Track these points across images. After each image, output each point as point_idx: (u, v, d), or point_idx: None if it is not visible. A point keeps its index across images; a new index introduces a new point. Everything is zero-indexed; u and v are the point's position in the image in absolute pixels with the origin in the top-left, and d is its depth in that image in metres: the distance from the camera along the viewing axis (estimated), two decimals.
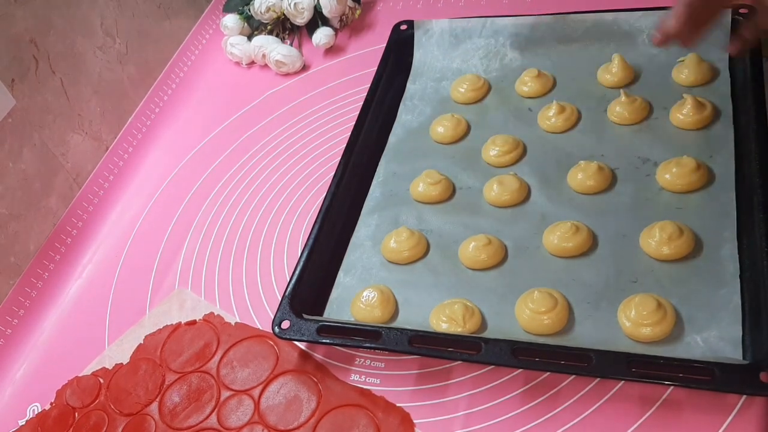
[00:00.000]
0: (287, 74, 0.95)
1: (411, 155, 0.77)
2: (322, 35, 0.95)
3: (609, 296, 0.58)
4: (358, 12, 0.98)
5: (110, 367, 0.67)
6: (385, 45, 0.86)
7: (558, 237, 0.63)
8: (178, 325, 0.69)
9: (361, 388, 0.59)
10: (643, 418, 0.52)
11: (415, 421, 0.56)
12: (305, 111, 0.88)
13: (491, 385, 0.57)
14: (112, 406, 0.64)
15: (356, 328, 0.60)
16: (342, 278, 0.67)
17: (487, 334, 0.59)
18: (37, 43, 0.77)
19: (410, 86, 0.84)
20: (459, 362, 0.58)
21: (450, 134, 0.76)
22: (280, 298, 0.64)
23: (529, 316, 0.58)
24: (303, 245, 0.68)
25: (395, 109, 0.82)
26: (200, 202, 0.82)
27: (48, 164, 0.80)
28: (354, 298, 0.64)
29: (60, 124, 0.81)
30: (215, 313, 0.68)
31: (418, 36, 0.86)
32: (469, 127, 0.77)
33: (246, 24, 1.01)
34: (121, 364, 0.67)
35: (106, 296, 0.75)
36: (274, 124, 0.88)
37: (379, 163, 0.77)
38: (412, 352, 0.58)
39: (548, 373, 0.56)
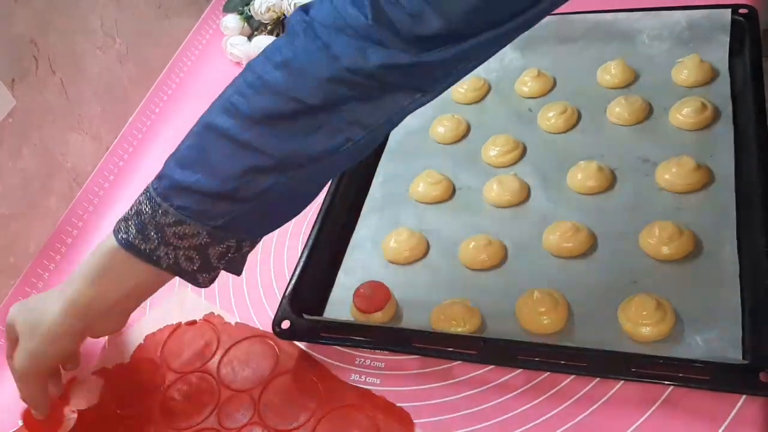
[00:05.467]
0: None
1: (411, 155, 0.77)
2: None
3: (609, 296, 0.58)
4: None
5: (110, 367, 0.67)
6: None
7: (558, 237, 0.63)
8: (178, 325, 0.69)
9: (361, 388, 0.59)
10: (643, 418, 0.52)
11: (415, 421, 0.56)
12: None
13: (491, 384, 0.57)
14: (112, 406, 0.64)
15: (356, 328, 0.60)
16: (342, 278, 0.67)
17: (487, 334, 0.59)
18: (37, 43, 0.77)
19: None
20: (459, 362, 0.58)
21: (450, 134, 0.77)
22: (280, 298, 0.64)
23: (529, 316, 0.58)
24: (303, 245, 0.68)
25: None
26: None
27: (48, 164, 0.80)
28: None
29: (60, 124, 0.81)
30: (215, 313, 0.68)
31: None
32: (469, 127, 0.77)
33: (246, 24, 1.00)
34: (121, 364, 0.67)
35: None
36: None
37: (379, 163, 0.77)
38: (412, 352, 0.58)
39: (548, 373, 0.56)
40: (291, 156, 0.49)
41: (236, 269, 0.57)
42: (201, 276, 0.54)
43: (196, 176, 0.50)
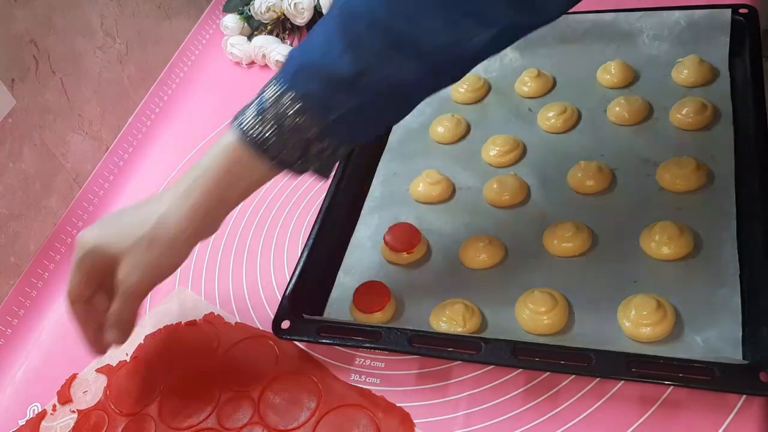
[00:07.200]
0: None
1: (411, 155, 0.77)
2: None
3: (609, 296, 0.58)
4: None
5: (114, 365, 0.67)
6: None
7: (558, 237, 0.63)
8: (178, 325, 0.69)
9: (361, 388, 0.59)
10: (643, 418, 0.52)
11: (415, 421, 0.56)
12: None
13: (491, 385, 0.57)
14: (112, 406, 0.64)
15: (356, 328, 0.60)
16: (342, 278, 0.67)
17: (487, 334, 0.59)
18: (37, 43, 0.77)
19: None
20: (459, 362, 0.58)
21: (450, 134, 0.76)
22: (280, 298, 0.64)
23: (529, 316, 0.58)
24: (303, 245, 0.68)
25: None
26: None
27: (48, 164, 0.80)
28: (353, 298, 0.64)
29: (60, 124, 0.81)
30: (215, 313, 0.68)
31: None
32: (469, 127, 0.77)
33: (246, 24, 1.00)
34: (125, 362, 0.67)
35: None
36: None
37: (379, 163, 0.77)
38: (412, 352, 0.58)
39: (548, 373, 0.56)
40: (418, 42, 0.49)
41: (326, 172, 0.56)
42: (295, 167, 0.53)
43: (325, 59, 0.50)
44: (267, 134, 0.51)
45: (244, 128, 0.52)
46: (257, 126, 0.52)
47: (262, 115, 0.51)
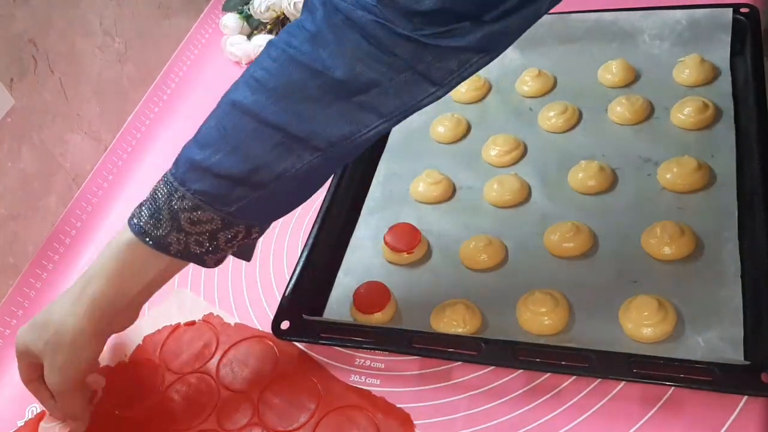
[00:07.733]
0: None
1: (411, 155, 0.76)
2: None
3: (610, 296, 0.58)
4: None
5: (113, 366, 0.67)
6: None
7: (559, 237, 0.63)
8: (178, 325, 0.68)
9: (361, 389, 0.59)
10: (644, 418, 0.52)
11: (415, 422, 0.56)
12: None
13: (492, 385, 0.56)
14: (112, 407, 0.63)
15: (356, 329, 0.60)
16: (342, 278, 0.67)
17: (487, 335, 0.59)
18: (37, 43, 0.77)
19: None
20: (459, 363, 0.58)
21: (450, 134, 0.76)
22: (279, 298, 0.63)
23: (530, 316, 0.58)
24: (303, 245, 0.68)
25: None
26: None
27: (47, 164, 0.79)
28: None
29: (59, 124, 0.81)
30: (215, 314, 0.68)
31: None
32: (469, 127, 0.77)
33: (245, 23, 1.00)
34: (124, 362, 0.67)
35: None
36: None
37: (379, 163, 0.77)
38: (413, 352, 0.58)
39: (549, 373, 0.55)
40: (311, 137, 0.49)
41: (247, 255, 0.57)
42: (208, 257, 0.54)
43: (216, 156, 0.50)
44: (162, 231, 0.52)
45: (140, 226, 0.52)
46: (152, 224, 0.52)
47: (156, 213, 0.51)
